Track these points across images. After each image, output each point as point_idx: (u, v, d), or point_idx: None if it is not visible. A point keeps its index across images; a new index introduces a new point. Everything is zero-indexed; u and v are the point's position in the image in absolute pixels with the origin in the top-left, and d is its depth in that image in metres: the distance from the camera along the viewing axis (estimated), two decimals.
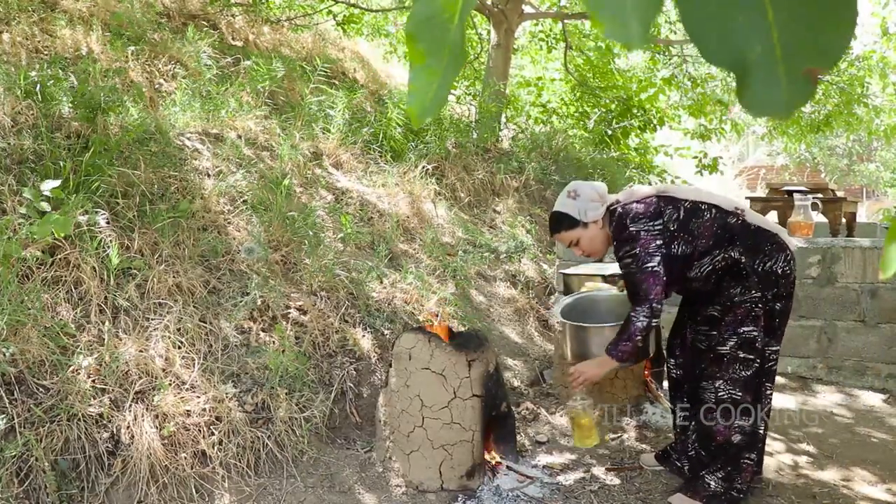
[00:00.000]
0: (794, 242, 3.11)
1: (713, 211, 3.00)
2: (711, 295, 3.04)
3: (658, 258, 2.92)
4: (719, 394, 2.99)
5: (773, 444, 3.87)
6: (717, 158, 11.23)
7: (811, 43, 0.49)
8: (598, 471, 3.51)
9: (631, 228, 2.96)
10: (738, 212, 3.03)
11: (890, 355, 4.87)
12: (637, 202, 3.03)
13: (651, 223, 2.96)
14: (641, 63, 12.14)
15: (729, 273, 2.97)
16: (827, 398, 4.73)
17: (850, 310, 4.98)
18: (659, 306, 2.93)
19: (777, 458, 3.69)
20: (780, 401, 4.65)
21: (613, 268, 4.36)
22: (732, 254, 2.94)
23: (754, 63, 0.50)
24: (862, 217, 13.62)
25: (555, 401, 4.42)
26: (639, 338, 2.97)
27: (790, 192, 5.75)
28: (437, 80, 0.60)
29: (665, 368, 3.44)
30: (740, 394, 2.96)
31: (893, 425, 4.23)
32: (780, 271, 2.93)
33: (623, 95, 10.78)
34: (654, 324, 2.96)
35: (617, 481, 3.40)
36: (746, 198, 6.66)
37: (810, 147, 19.09)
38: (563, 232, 3.17)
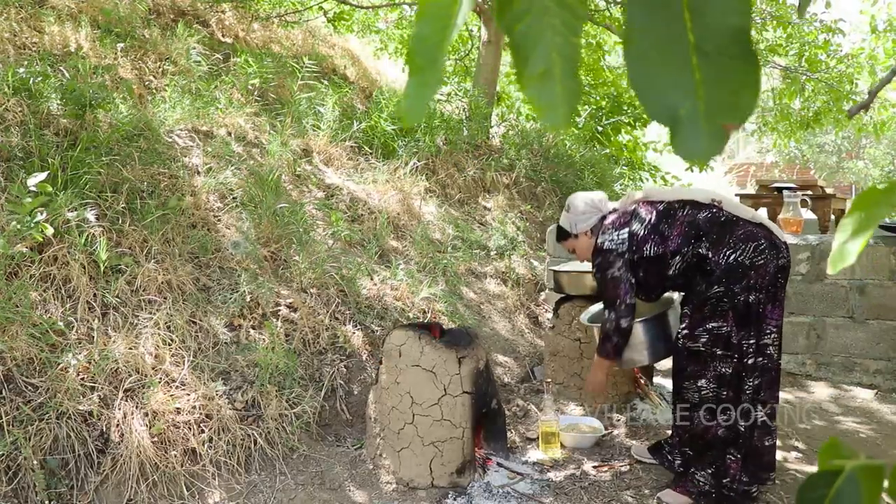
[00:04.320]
0: (778, 231, 3.09)
1: (686, 209, 3.12)
2: (686, 292, 3.16)
3: (620, 263, 3.17)
4: (703, 392, 2.99)
5: None
6: None
7: (726, 102, 0.60)
8: (589, 467, 3.52)
9: (598, 241, 3.27)
10: (715, 203, 3.10)
11: (878, 351, 4.90)
12: (616, 213, 3.30)
13: (616, 233, 3.21)
14: None
15: (698, 268, 3.04)
16: (816, 394, 4.76)
17: (839, 306, 5.01)
18: (623, 307, 3.17)
19: None
20: None
21: None
22: (699, 249, 3.01)
23: (683, 117, 0.60)
24: None
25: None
26: (615, 338, 3.23)
27: (780, 189, 5.77)
28: (426, 90, 0.70)
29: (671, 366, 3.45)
30: (724, 392, 2.96)
31: (882, 420, 4.25)
32: (747, 262, 2.92)
33: (613, 92, 10.79)
34: (623, 324, 3.18)
35: (607, 477, 3.41)
36: (736, 195, 6.68)
37: (800, 144, 19.16)
38: (560, 242, 3.56)
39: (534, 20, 0.64)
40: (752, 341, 2.95)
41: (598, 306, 3.98)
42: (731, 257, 2.94)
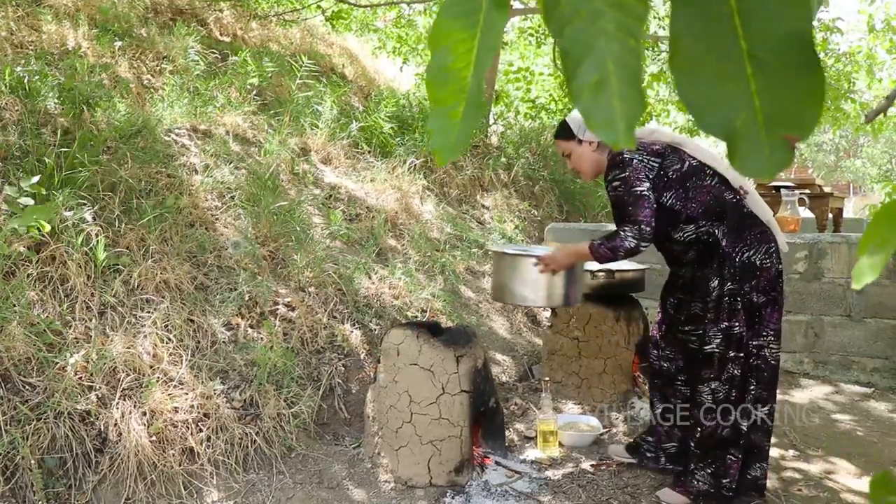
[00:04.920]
0: (783, 240, 3.08)
1: (715, 179, 3.01)
2: (690, 284, 3.08)
3: (648, 185, 2.94)
4: (717, 395, 2.96)
5: None
6: None
7: (788, 113, 0.56)
8: (587, 465, 3.52)
9: (626, 155, 2.99)
10: (741, 191, 3.02)
11: (875, 349, 4.91)
12: (645, 140, 3.08)
13: (648, 156, 2.99)
14: None
15: (707, 255, 2.97)
16: (813, 392, 4.76)
17: (837, 305, 5.02)
18: (648, 229, 2.91)
19: None
20: None
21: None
22: (716, 231, 2.94)
23: (740, 129, 0.56)
24: (849, 213, 13.72)
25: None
26: (622, 253, 2.96)
27: (777, 188, 5.78)
28: (457, 123, 0.66)
29: (649, 360, 3.42)
30: (734, 393, 2.96)
31: (878, 418, 4.26)
32: (758, 263, 2.91)
33: None
34: (642, 249, 2.94)
35: (605, 476, 3.41)
36: None
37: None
38: (559, 140, 3.25)
39: (583, 24, 0.58)
40: (754, 342, 2.96)
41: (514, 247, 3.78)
42: (746, 255, 2.91)
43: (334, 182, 5.76)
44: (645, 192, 2.93)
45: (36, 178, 3.42)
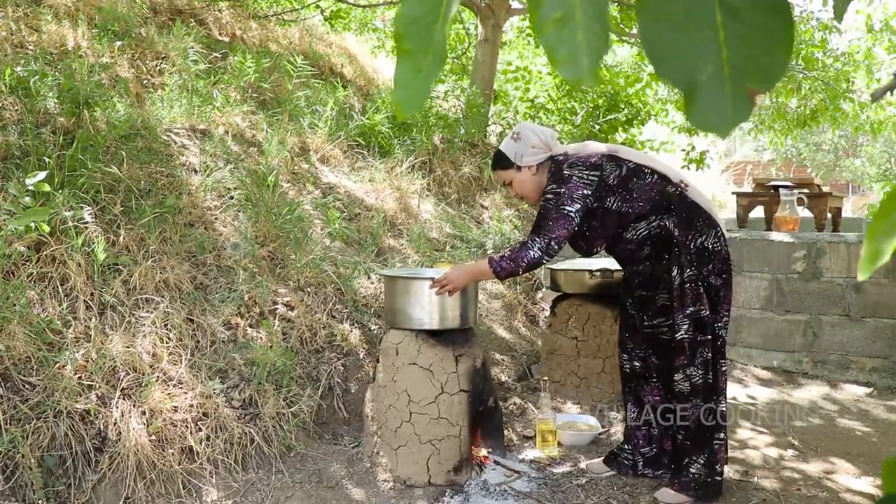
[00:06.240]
0: (724, 225, 3.14)
1: (655, 176, 3.08)
2: (650, 279, 3.13)
3: (579, 206, 3.01)
4: (693, 380, 3.02)
5: (758, 438, 3.90)
6: (703, 153, 11.27)
7: (755, 64, 0.53)
8: (586, 465, 3.52)
9: (565, 171, 3.05)
10: (681, 184, 3.10)
11: (874, 349, 4.92)
12: (582, 154, 3.13)
13: (587, 171, 3.04)
14: (629, 58, 12.16)
15: (662, 247, 3.04)
16: (812, 392, 4.77)
17: (835, 304, 5.02)
18: (556, 246, 3.00)
19: (762, 451, 3.73)
20: (766, 394, 4.69)
21: (601, 262, 4.38)
22: (667, 223, 3.01)
23: (704, 82, 0.53)
24: (847, 212, 13.72)
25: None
26: (524, 264, 3.03)
27: (776, 188, 5.78)
28: (422, 77, 0.63)
29: (620, 364, 3.46)
30: (711, 376, 3.01)
31: (877, 418, 4.27)
32: (710, 247, 2.99)
33: (610, 90, 10.78)
34: (544, 261, 3.03)
35: (604, 475, 3.42)
36: (733, 193, 6.70)
37: (797, 142, 19.20)
38: (498, 171, 3.30)
39: None
40: (718, 324, 3.04)
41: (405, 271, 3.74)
42: (699, 241, 2.99)
43: (333, 182, 5.77)
44: (571, 214, 3.00)
45: (43, 175, 3.39)
